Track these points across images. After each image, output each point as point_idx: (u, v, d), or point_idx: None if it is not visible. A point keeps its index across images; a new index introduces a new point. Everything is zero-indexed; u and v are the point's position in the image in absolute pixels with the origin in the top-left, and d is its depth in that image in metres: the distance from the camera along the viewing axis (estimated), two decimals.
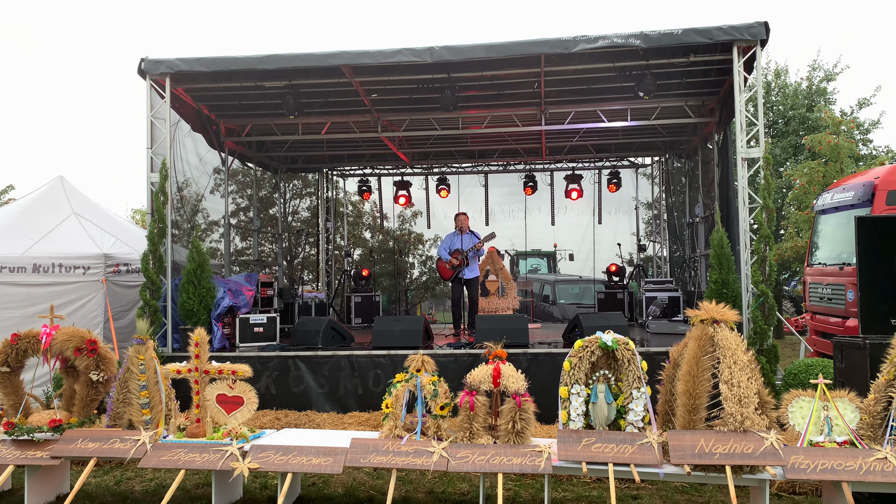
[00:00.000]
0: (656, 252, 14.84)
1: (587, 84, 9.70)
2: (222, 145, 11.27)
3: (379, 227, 18.27)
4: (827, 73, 18.69)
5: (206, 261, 8.32)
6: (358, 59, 8.12)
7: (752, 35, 7.46)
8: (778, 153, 17.70)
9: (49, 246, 8.51)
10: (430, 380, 4.90)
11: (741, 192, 7.59)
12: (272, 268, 15.15)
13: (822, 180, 13.34)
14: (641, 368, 4.68)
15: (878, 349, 4.82)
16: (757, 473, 4.31)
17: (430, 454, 4.60)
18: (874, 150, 17.74)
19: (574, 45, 7.70)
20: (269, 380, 7.88)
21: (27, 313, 7.79)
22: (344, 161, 14.69)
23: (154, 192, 8.23)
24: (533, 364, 7.45)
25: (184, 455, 4.83)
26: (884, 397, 4.44)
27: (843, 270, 8.78)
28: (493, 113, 10.75)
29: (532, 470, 4.50)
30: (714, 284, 7.58)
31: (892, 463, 4.18)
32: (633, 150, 13.88)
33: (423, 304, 19.45)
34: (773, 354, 7.05)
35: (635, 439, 4.49)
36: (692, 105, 10.34)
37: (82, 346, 5.37)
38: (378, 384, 7.69)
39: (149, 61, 8.26)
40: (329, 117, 10.90)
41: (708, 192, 10.94)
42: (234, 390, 5.20)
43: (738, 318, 4.71)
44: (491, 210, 15.14)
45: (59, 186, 9.65)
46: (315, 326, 8.54)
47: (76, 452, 5.07)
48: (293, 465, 4.68)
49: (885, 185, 8.45)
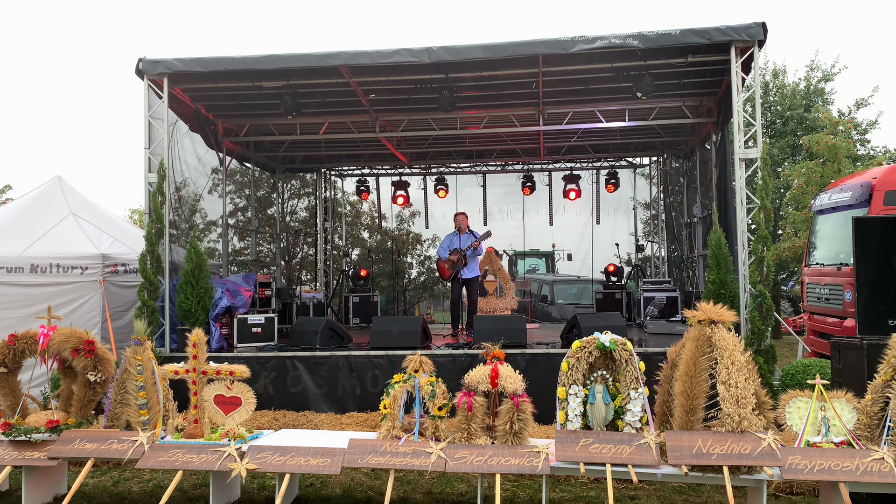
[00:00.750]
0: (654, 252, 14.85)
1: (585, 84, 9.71)
2: (220, 145, 11.26)
3: (377, 227, 18.25)
4: (825, 73, 18.69)
5: (203, 261, 8.31)
6: (356, 60, 8.12)
7: (749, 36, 7.47)
8: (776, 153, 17.71)
9: (47, 246, 8.50)
10: (428, 380, 4.90)
11: (739, 193, 7.59)
12: (270, 268, 15.13)
13: (820, 180, 13.35)
14: (639, 369, 4.68)
15: (876, 350, 4.82)
16: (754, 474, 4.32)
17: (427, 455, 4.60)
18: (872, 151, 17.75)
19: (572, 46, 7.70)
20: (266, 380, 7.87)
21: (25, 314, 7.77)
22: (342, 161, 14.69)
23: (152, 192, 8.22)
24: (531, 364, 7.45)
25: (181, 456, 4.83)
26: (881, 398, 4.45)
27: (840, 270, 8.79)
28: (491, 113, 10.75)
29: (530, 470, 4.50)
30: (712, 285, 7.59)
31: (889, 463, 4.18)
32: (631, 151, 13.89)
33: (421, 303, 19.45)
34: (771, 355, 7.06)
35: (633, 440, 4.49)
36: (690, 105, 10.35)
37: (80, 347, 5.36)
38: (376, 385, 7.69)
39: (146, 61, 8.25)
40: (327, 117, 10.90)
41: (706, 193, 10.94)
42: (231, 391, 5.20)
43: (735, 318, 4.71)
44: (489, 210, 15.14)
45: (57, 186, 9.64)
46: (313, 327, 8.54)
47: (74, 453, 5.06)
48: (291, 465, 4.68)
49: (883, 185, 8.46)
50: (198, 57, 8.21)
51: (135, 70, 8.30)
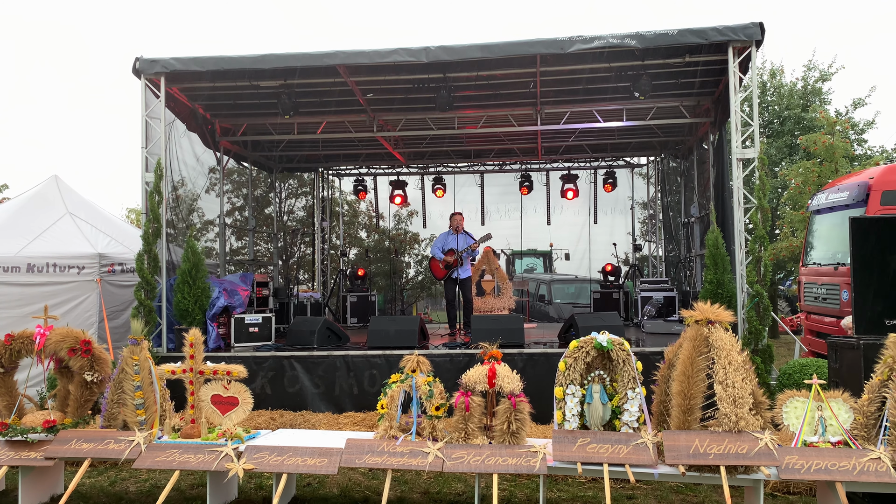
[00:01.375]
0: (651, 252, 14.87)
1: (583, 84, 9.70)
2: (217, 144, 11.24)
3: (375, 227, 18.26)
4: (822, 73, 18.71)
5: (201, 260, 8.30)
6: (353, 59, 8.11)
7: (747, 36, 7.48)
8: (773, 153, 17.73)
9: (43, 245, 8.48)
10: (426, 380, 4.89)
11: (736, 193, 7.60)
12: (267, 267, 15.12)
13: (818, 180, 13.36)
14: (636, 369, 4.68)
15: (872, 349, 4.83)
16: (751, 474, 4.32)
17: (425, 455, 4.60)
18: (869, 151, 17.79)
19: (570, 46, 7.70)
20: (264, 380, 7.87)
21: (21, 313, 7.76)
22: (340, 160, 14.67)
23: (149, 191, 8.20)
24: (528, 364, 7.45)
25: (178, 456, 4.82)
26: (877, 397, 4.46)
27: (837, 270, 8.81)
28: (488, 113, 10.75)
29: (527, 470, 4.50)
30: (709, 284, 7.60)
31: (886, 463, 4.19)
32: (629, 150, 13.89)
33: (418, 303, 19.45)
34: (768, 355, 7.07)
35: (630, 440, 4.49)
36: (688, 105, 10.35)
37: (76, 347, 5.35)
38: (373, 384, 7.68)
39: (144, 60, 8.24)
40: (324, 117, 10.88)
41: (703, 192, 10.96)
42: (229, 391, 5.18)
43: (732, 318, 4.71)
44: (487, 210, 15.14)
45: (54, 186, 9.62)
46: (310, 326, 8.53)
47: (70, 453, 5.05)
48: (288, 465, 4.67)
49: (880, 185, 8.47)
50: (195, 56, 8.19)
51: (132, 69, 8.29)
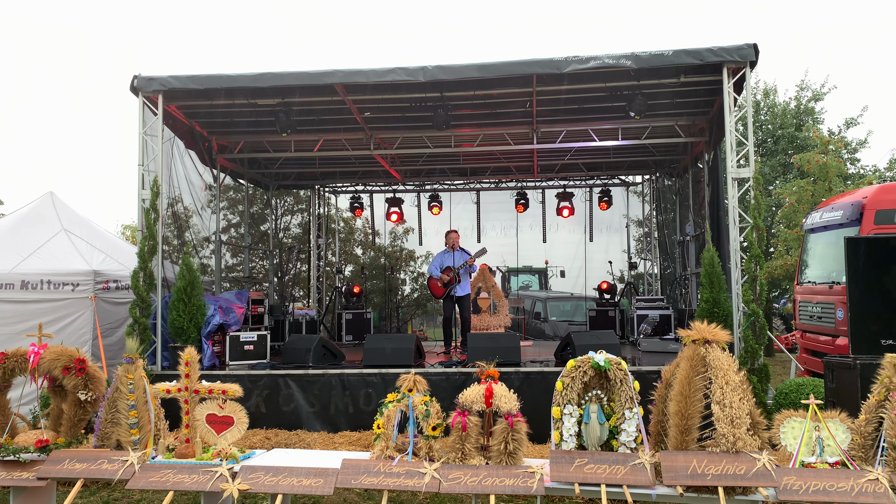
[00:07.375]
0: (647, 270, 14.90)
1: (579, 104, 9.78)
2: (214, 162, 11.26)
3: (370, 244, 18.25)
4: (815, 92, 18.92)
5: (196, 278, 8.27)
6: (351, 78, 8.16)
7: (741, 56, 7.55)
8: (767, 171, 17.87)
9: (38, 262, 8.44)
10: (422, 400, 4.86)
11: (731, 212, 7.64)
12: (263, 284, 15.07)
13: (811, 199, 13.47)
14: (634, 388, 4.67)
15: (869, 369, 4.84)
16: (749, 494, 4.29)
17: (421, 475, 4.56)
18: (862, 170, 17.94)
19: (566, 66, 7.77)
20: (259, 398, 7.81)
21: (15, 330, 7.71)
22: (336, 178, 14.71)
23: (145, 208, 8.20)
24: (525, 383, 7.43)
25: (172, 476, 4.76)
26: (875, 418, 4.45)
27: (832, 289, 8.84)
28: (485, 131, 10.81)
29: (524, 491, 4.46)
30: (705, 303, 7.60)
31: (884, 484, 4.17)
32: (624, 169, 13.97)
33: (414, 320, 19.39)
34: (765, 374, 7.06)
35: (628, 460, 4.46)
36: (683, 125, 10.43)
37: (70, 366, 5.30)
38: (369, 403, 7.64)
39: (141, 78, 8.27)
40: (322, 134, 10.93)
41: (698, 211, 11.01)
42: (224, 410, 5.14)
43: (729, 338, 4.71)
44: (483, 227, 15.18)
45: (49, 202, 9.59)
46: (306, 344, 8.49)
47: (63, 473, 4.99)
48: (283, 486, 4.63)
49: (873, 204, 8.54)
50: (193, 74, 8.23)
51: (129, 87, 8.32)
